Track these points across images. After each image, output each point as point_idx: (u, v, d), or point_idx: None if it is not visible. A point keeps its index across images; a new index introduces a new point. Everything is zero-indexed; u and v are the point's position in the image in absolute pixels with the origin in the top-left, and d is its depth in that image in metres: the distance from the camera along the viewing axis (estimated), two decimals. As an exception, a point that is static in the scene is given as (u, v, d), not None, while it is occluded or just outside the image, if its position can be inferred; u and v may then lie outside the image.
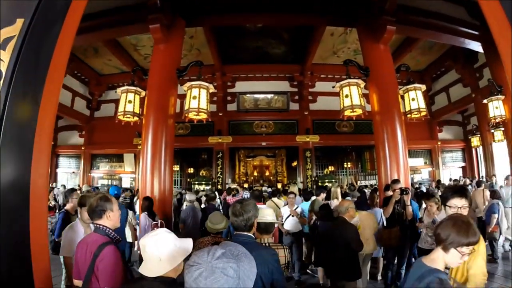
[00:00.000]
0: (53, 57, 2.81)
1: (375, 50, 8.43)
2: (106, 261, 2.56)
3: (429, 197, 5.40)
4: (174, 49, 8.30)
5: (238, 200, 3.09)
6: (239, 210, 2.75)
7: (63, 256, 4.02)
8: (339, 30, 13.34)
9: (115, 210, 2.95)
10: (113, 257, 2.62)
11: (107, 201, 2.92)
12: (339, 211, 4.82)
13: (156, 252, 2.04)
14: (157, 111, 7.57)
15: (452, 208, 2.97)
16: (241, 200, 2.92)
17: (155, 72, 7.98)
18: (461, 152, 19.45)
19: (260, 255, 2.52)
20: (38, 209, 2.71)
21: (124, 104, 7.88)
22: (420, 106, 7.88)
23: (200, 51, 14.82)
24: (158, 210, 7.08)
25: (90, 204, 2.96)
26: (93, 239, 2.75)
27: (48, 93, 2.77)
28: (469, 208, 3.02)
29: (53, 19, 2.84)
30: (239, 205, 2.80)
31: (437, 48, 15.21)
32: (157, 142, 7.34)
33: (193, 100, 7.09)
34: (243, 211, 2.73)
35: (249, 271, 1.62)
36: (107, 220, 2.87)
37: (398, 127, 7.75)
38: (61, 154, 19.82)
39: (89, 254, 2.63)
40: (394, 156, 7.63)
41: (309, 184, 16.70)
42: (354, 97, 7.25)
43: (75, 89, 17.80)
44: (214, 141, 16.97)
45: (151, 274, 2.03)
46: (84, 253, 2.69)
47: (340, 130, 17.50)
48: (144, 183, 7.28)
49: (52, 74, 2.80)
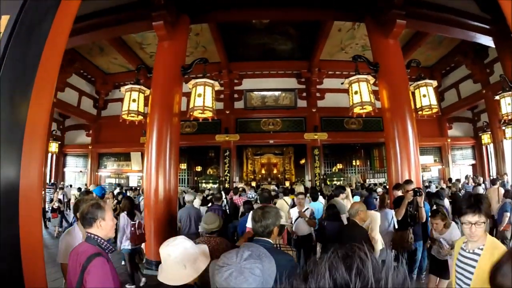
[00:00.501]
0: (42, 56, 2.70)
1: (385, 45, 8.18)
2: (93, 274, 2.38)
3: (434, 214, 4.77)
4: (178, 47, 8.11)
5: (260, 206, 3.30)
6: (259, 216, 2.80)
7: (61, 263, 3.82)
8: (346, 26, 13.08)
9: (107, 219, 2.74)
10: (101, 270, 2.43)
11: (99, 209, 2.72)
12: (349, 214, 4.60)
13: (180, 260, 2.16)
14: (162, 109, 7.39)
15: (465, 225, 2.62)
16: (263, 207, 3.01)
17: (159, 70, 7.81)
18: (471, 150, 19.03)
19: (277, 260, 2.42)
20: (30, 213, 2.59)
21: (128, 103, 7.75)
22: (431, 102, 7.71)
23: (206, 49, 14.63)
24: (163, 210, 6.92)
25: (81, 210, 2.81)
26: (83, 249, 2.57)
27: (38, 92, 2.64)
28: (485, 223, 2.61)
29: (42, 17, 2.72)
30: (260, 211, 2.86)
31: (447, 43, 14.88)
32: (162, 141, 7.17)
33: (198, 98, 6.92)
34: (263, 218, 2.78)
35: (271, 270, 1.80)
36: (98, 229, 2.69)
37: (409, 124, 7.50)
38: (68, 154, 19.79)
39: (78, 265, 2.45)
40: (405, 154, 7.39)
41: (317, 183, 16.51)
42: (364, 93, 7.03)
43: (81, 88, 17.78)
44: (221, 139, 16.80)
45: (175, 283, 2.14)
46: (74, 263, 2.52)
47: (348, 127, 17.28)
48: (149, 182, 7.12)
49: (42, 73, 2.69)
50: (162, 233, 6.85)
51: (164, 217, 6.97)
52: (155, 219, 6.97)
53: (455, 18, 9.22)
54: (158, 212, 6.96)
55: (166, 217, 6.96)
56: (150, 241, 6.82)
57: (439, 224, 4.66)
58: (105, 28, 9.24)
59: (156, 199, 6.96)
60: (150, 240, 6.82)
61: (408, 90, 7.85)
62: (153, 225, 6.93)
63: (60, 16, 2.84)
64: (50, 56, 2.80)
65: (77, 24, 9.24)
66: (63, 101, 16.12)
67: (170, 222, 7.00)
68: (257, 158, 24.60)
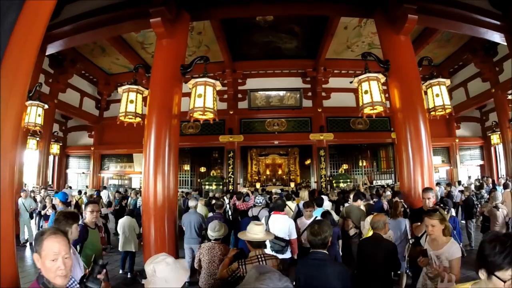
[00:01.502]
0: (6, 51, 2.52)
1: (395, 42, 7.67)
2: None
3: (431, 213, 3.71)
4: (178, 45, 7.62)
5: (315, 220, 3.86)
6: (317, 230, 3.11)
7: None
8: (353, 23, 12.78)
9: (44, 256, 2.08)
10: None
11: (38, 239, 2.14)
12: (374, 227, 4.08)
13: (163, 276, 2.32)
14: (160, 110, 6.89)
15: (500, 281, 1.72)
16: (319, 221, 3.41)
17: (158, 69, 7.32)
18: (479, 150, 18.72)
19: (336, 270, 3.01)
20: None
21: (126, 104, 7.34)
22: (445, 102, 7.28)
23: (209, 48, 14.38)
24: (161, 214, 6.44)
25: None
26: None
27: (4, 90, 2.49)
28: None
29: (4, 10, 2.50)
30: (317, 225, 3.17)
31: (455, 40, 14.52)
32: (161, 143, 6.67)
33: (198, 98, 6.46)
34: (321, 231, 3.09)
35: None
36: (39, 264, 2.11)
37: (422, 125, 6.99)
38: (71, 155, 19.68)
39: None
40: (418, 157, 6.87)
41: (323, 184, 16.23)
42: (374, 93, 6.54)
43: (83, 89, 17.69)
44: (225, 140, 16.51)
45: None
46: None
47: (355, 127, 16.99)
48: (146, 186, 6.63)
49: (7, 70, 2.50)
50: (162, 239, 6.40)
51: (163, 222, 6.50)
52: (155, 225, 6.50)
53: (466, 13, 8.76)
54: (157, 218, 6.49)
55: (165, 223, 6.49)
56: (149, 247, 6.36)
57: (436, 228, 3.56)
58: (103, 27, 8.86)
59: (155, 204, 6.48)
60: (150, 246, 6.36)
61: (421, 89, 7.37)
62: (153, 232, 6.45)
63: (29, 9, 2.68)
64: (17, 51, 2.62)
65: (75, 23, 9.02)
66: (64, 102, 16.00)
67: (170, 227, 6.54)
68: (261, 158, 24.18)
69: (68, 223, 3.46)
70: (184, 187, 17.65)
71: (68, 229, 3.33)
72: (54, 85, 15.19)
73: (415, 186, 6.82)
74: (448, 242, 3.52)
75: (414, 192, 6.81)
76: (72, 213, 3.84)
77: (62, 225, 3.34)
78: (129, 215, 7.82)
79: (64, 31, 9.27)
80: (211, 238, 4.54)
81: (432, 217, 3.57)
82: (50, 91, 14.95)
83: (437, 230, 3.55)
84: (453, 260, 3.38)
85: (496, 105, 15.09)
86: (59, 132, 18.37)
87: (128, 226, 7.47)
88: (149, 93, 7.25)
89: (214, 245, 4.44)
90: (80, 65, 15.67)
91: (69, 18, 9.02)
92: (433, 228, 3.55)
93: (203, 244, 4.62)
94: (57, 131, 17.51)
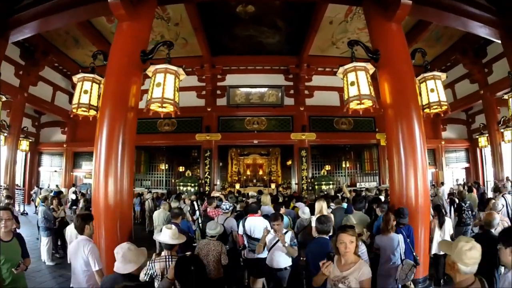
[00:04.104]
0: None
1: (387, 30, 6.65)
2: None
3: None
4: (140, 29, 6.46)
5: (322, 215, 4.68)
6: (323, 220, 4.27)
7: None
8: (339, 18, 12.06)
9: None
10: None
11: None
12: None
13: (126, 257, 3.29)
14: (115, 102, 5.74)
15: None
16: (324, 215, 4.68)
17: (116, 55, 6.17)
18: (465, 152, 18.33)
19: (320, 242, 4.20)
20: None
21: (79, 95, 6.22)
22: (440, 98, 6.32)
23: (187, 41, 13.56)
24: (113, 222, 5.33)
25: None
26: None
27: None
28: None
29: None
30: (323, 217, 4.35)
31: (444, 40, 13.96)
32: (113, 139, 5.53)
33: (157, 88, 5.36)
34: (326, 221, 4.27)
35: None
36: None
37: (416, 123, 5.98)
38: (44, 152, 18.53)
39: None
40: (412, 159, 5.84)
41: (305, 186, 15.56)
42: (362, 85, 5.54)
43: (56, 83, 16.60)
44: (202, 139, 15.67)
45: (124, 271, 3.21)
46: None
47: (338, 127, 16.32)
48: (96, 189, 5.50)
49: None
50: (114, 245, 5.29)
51: (115, 231, 5.38)
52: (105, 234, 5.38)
53: (461, 5, 7.96)
54: (108, 226, 5.37)
55: (117, 231, 5.38)
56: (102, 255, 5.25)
57: (353, 245, 3.20)
58: (64, 11, 7.74)
59: (106, 210, 5.36)
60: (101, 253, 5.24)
61: (415, 83, 6.40)
62: (103, 242, 5.34)
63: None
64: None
65: (36, 7, 8.04)
66: (35, 96, 14.94)
67: (123, 236, 5.41)
68: (242, 158, 23.72)
69: None
70: (159, 188, 16.93)
71: None
72: (25, 78, 14.11)
73: (408, 191, 5.82)
74: (357, 261, 3.22)
75: (406, 198, 5.81)
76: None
77: None
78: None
79: (26, 16, 8.25)
80: (208, 235, 5.11)
81: (349, 233, 3.21)
82: (20, 83, 13.87)
83: (353, 247, 3.19)
84: (364, 281, 3.11)
85: (485, 107, 14.68)
86: (32, 128, 17.32)
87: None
88: (103, 82, 6.15)
89: (210, 241, 5.04)
90: (53, 57, 14.74)
91: (31, 2, 8.11)
92: (351, 244, 3.17)
93: (201, 240, 5.35)
94: (27, 127, 16.13)
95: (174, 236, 4.16)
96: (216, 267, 4.89)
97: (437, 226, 6.26)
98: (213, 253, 4.91)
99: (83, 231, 4.17)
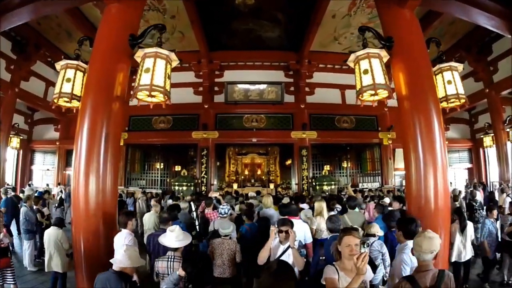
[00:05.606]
0: None
1: (400, 17, 5.94)
2: None
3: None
4: (130, 12, 5.75)
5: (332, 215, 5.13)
6: (334, 219, 4.56)
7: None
8: (342, 11, 11.58)
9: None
10: None
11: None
12: None
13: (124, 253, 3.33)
14: (98, 90, 5.02)
15: None
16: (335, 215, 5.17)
17: (102, 40, 5.45)
18: (468, 153, 17.89)
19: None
20: None
21: (61, 84, 5.51)
22: (459, 91, 5.74)
23: (184, 35, 13.07)
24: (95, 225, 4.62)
25: None
26: None
27: None
28: None
29: None
30: (334, 218, 4.64)
31: (449, 36, 13.51)
32: (96, 133, 4.81)
33: (145, 74, 4.63)
34: (337, 220, 4.56)
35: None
36: None
37: (435, 117, 5.27)
38: (36, 150, 17.99)
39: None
40: (431, 156, 5.08)
41: (305, 187, 15.03)
42: (377, 73, 4.80)
43: (48, 78, 15.95)
44: (198, 137, 15.12)
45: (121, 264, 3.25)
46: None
47: (340, 126, 15.81)
48: (76, 189, 4.79)
49: None
50: (96, 256, 4.57)
51: (98, 235, 4.67)
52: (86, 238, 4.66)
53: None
54: (89, 229, 4.65)
55: (100, 235, 4.66)
56: (81, 266, 4.54)
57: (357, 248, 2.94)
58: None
59: (86, 212, 4.65)
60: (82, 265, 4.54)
61: (432, 73, 5.71)
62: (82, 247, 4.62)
63: None
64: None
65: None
66: (27, 92, 14.36)
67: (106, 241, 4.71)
68: (240, 157, 23.24)
69: None
70: (154, 187, 16.35)
71: None
72: (16, 72, 13.50)
73: (426, 191, 5.09)
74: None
75: (424, 200, 5.11)
76: None
77: None
78: (57, 225, 5.86)
79: (13, 4, 7.52)
80: (221, 235, 5.14)
81: (354, 235, 3.00)
82: (11, 78, 13.26)
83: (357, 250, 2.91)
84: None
85: (490, 106, 14.25)
86: (24, 125, 16.80)
87: (54, 240, 5.61)
88: (87, 69, 5.46)
89: (223, 240, 5.09)
90: (45, 51, 14.19)
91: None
92: (357, 247, 2.92)
93: (215, 239, 5.19)
94: (18, 123, 15.56)
95: (178, 238, 4.16)
96: (231, 265, 5.02)
97: (458, 231, 5.68)
98: (228, 252, 5.03)
99: (126, 226, 4.67)
